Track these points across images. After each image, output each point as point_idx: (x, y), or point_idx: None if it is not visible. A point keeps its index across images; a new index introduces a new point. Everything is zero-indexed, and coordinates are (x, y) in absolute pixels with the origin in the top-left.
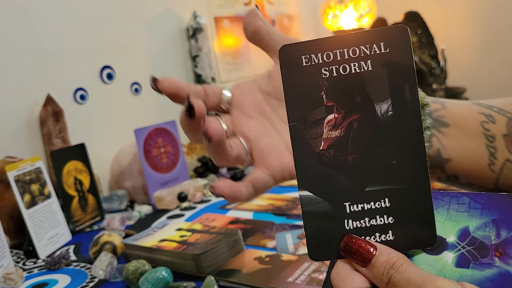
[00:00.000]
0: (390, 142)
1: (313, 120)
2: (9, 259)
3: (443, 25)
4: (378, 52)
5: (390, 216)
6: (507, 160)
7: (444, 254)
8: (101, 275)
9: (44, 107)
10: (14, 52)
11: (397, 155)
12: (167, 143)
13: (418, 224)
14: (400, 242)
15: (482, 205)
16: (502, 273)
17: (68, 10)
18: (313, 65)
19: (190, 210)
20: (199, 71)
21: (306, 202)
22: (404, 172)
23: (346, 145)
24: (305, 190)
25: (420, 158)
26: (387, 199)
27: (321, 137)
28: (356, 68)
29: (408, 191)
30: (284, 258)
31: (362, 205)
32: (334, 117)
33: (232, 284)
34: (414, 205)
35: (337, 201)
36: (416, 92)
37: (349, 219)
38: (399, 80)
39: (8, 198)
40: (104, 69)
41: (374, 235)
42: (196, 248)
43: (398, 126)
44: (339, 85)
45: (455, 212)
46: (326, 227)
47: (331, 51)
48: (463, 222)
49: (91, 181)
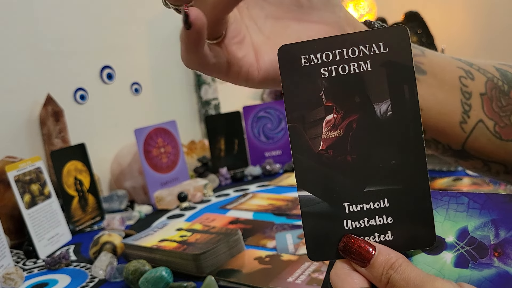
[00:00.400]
0: (389, 142)
1: (312, 121)
2: (9, 259)
3: (443, 25)
4: (378, 52)
5: (389, 216)
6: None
7: (443, 254)
8: (101, 275)
9: (44, 107)
10: (14, 52)
11: (396, 156)
12: (167, 143)
13: (417, 224)
14: (399, 242)
15: (481, 205)
16: (501, 273)
17: (68, 10)
18: (312, 65)
19: (190, 210)
20: None
21: (305, 203)
22: (403, 173)
23: (345, 146)
24: (304, 190)
25: (419, 158)
26: (386, 199)
27: (320, 137)
28: (355, 68)
29: (407, 191)
30: (284, 258)
31: (361, 205)
32: (333, 118)
33: (232, 284)
34: (413, 205)
35: (336, 201)
36: (416, 92)
37: (348, 219)
38: (398, 80)
39: (8, 198)
40: (104, 69)
41: (373, 235)
42: (196, 248)
43: (397, 126)
44: (338, 85)
45: (454, 212)
46: (325, 227)
47: (330, 51)
48: (462, 222)
49: (91, 181)
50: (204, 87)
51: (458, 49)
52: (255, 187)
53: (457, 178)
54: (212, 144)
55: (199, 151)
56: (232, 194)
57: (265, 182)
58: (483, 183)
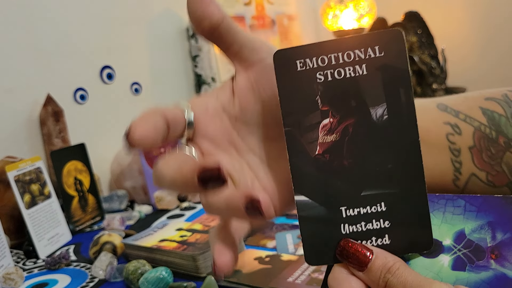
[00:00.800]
0: (386, 146)
1: (309, 125)
2: (9, 259)
3: (443, 25)
4: (373, 56)
5: (386, 220)
6: (472, 174)
7: (441, 257)
8: (101, 275)
9: (44, 107)
10: (14, 52)
11: (393, 159)
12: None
13: (414, 227)
14: (396, 246)
15: (477, 208)
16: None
17: (68, 10)
18: (307, 69)
19: (190, 210)
20: (199, 71)
21: (302, 207)
22: (400, 176)
23: (342, 150)
24: (301, 195)
25: (415, 162)
26: (383, 203)
27: (316, 142)
28: (351, 72)
29: (404, 195)
30: (284, 258)
31: (358, 209)
32: (330, 122)
33: (232, 284)
34: (410, 208)
35: (333, 205)
36: (411, 95)
37: (345, 223)
38: (394, 84)
39: (8, 198)
40: (104, 69)
41: (371, 239)
42: (196, 248)
43: (393, 130)
44: (334, 89)
45: (451, 215)
46: (322, 232)
47: (326, 55)
48: (459, 225)
49: (91, 181)
50: (204, 87)
51: (457, 49)
52: None
53: None
54: None
55: None
56: None
57: None
58: None
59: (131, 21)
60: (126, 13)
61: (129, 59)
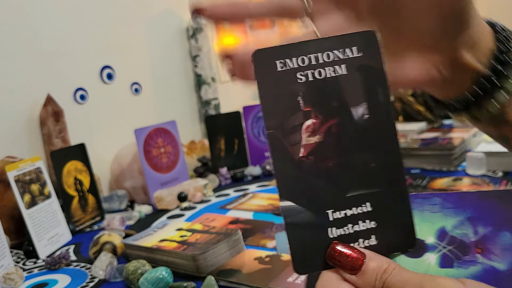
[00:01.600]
0: (368, 145)
1: (291, 127)
2: (9, 259)
3: None
4: (352, 56)
5: (372, 221)
6: None
7: (426, 256)
8: (101, 275)
9: (44, 107)
10: (14, 52)
11: (375, 158)
12: (167, 143)
13: (397, 226)
14: (383, 246)
15: (454, 204)
16: (487, 269)
17: (68, 10)
18: (288, 69)
19: (190, 210)
20: (199, 71)
21: (288, 213)
22: (383, 175)
23: (326, 151)
24: (287, 200)
25: (396, 160)
26: (369, 204)
27: (300, 143)
28: (331, 72)
29: (387, 194)
30: (284, 258)
31: (345, 211)
32: (312, 123)
33: (232, 284)
34: (393, 207)
35: (319, 209)
36: (389, 94)
37: (332, 227)
38: (372, 83)
39: (8, 198)
40: (104, 69)
41: (358, 241)
42: (196, 248)
43: (374, 129)
44: (316, 89)
45: (429, 213)
46: (310, 238)
47: (306, 56)
48: (439, 223)
49: (91, 181)
50: (204, 87)
51: None
52: (255, 187)
53: (457, 178)
54: (212, 144)
55: (199, 151)
56: (232, 194)
57: (265, 182)
58: (482, 183)
59: (131, 21)
60: (126, 13)
61: (129, 59)
